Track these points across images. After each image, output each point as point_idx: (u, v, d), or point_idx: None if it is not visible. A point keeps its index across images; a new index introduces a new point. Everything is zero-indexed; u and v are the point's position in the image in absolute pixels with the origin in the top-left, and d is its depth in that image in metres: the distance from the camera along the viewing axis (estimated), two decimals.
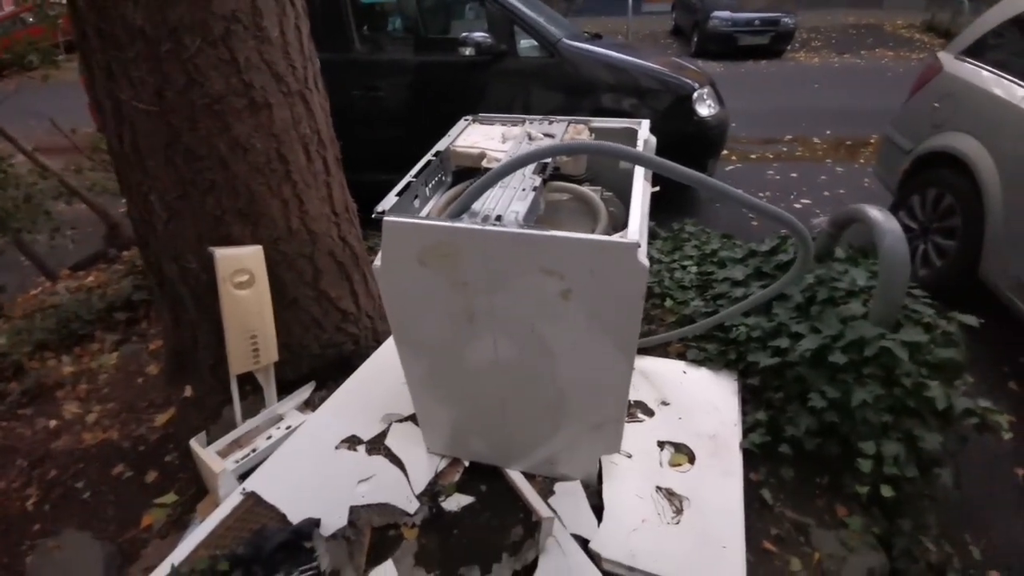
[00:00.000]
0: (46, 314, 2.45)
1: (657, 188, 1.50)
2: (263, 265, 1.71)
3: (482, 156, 1.51)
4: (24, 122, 3.37)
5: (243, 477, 1.59)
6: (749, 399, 1.87)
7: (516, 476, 1.65)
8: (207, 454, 1.58)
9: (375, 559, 1.45)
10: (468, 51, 3.34)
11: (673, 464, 1.67)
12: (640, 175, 1.34)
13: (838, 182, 4.36)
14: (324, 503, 1.52)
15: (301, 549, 1.40)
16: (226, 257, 1.64)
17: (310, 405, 1.87)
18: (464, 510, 1.60)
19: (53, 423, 1.96)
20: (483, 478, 1.68)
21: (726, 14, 9.11)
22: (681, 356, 2.07)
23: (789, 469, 1.67)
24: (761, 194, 4.20)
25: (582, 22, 9.85)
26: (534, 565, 1.44)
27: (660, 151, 1.53)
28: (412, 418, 1.80)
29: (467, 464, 1.70)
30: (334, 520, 1.49)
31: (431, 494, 1.63)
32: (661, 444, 1.72)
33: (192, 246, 1.70)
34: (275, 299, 1.75)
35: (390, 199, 1.26)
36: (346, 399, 1.83)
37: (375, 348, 2.07)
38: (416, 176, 1.38)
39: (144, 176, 1.62)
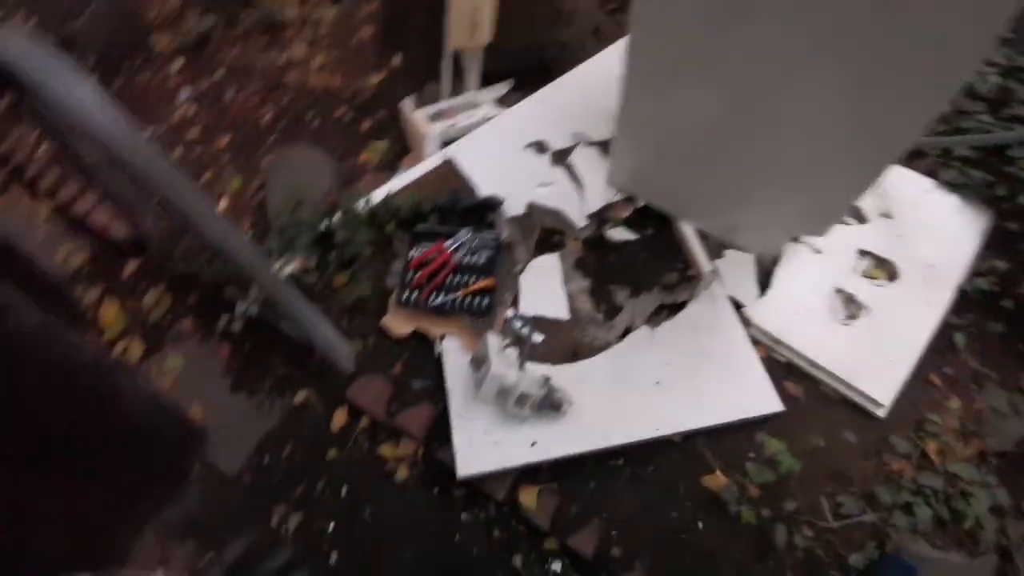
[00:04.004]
0: None
1: None
2: None
3: None
4: None
5: (442, 145, 1.71)
6: (995, 244, 1.54)
7: (687, 230, 1.61)
8: (417, 116, 1.69)
9: (542, 250, 1.59)
10: None
11: (868, 276, 1.51)
12: None
13: None
14: (507, 190, 1.62)
15: (484, 218, 1.56)
16: None
17: (504, 103, 1.86)
18: (625, 244, 1.65)
19: (284, 57, 2.17)
20: (651, 223, 1.66)
21: None
22: (932, 174, 1.69)
23: (999, 325, 1.45)
24: None
25: None
26: (681, 306, 1.50)
27: None
28: (600, 145, 1.75)
29: (640, 205, 1.67)
30: (513, 207, 1.61)
31: (599, 220, 1.67)
32: (863, 253, 1.54)
33: None
34: None
35: None
36: (543, 104, 1.79)
37: (573, 62, 1.91)
38: None
39: None
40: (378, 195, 1.56)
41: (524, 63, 1.89)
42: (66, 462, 1.05)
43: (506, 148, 1.71)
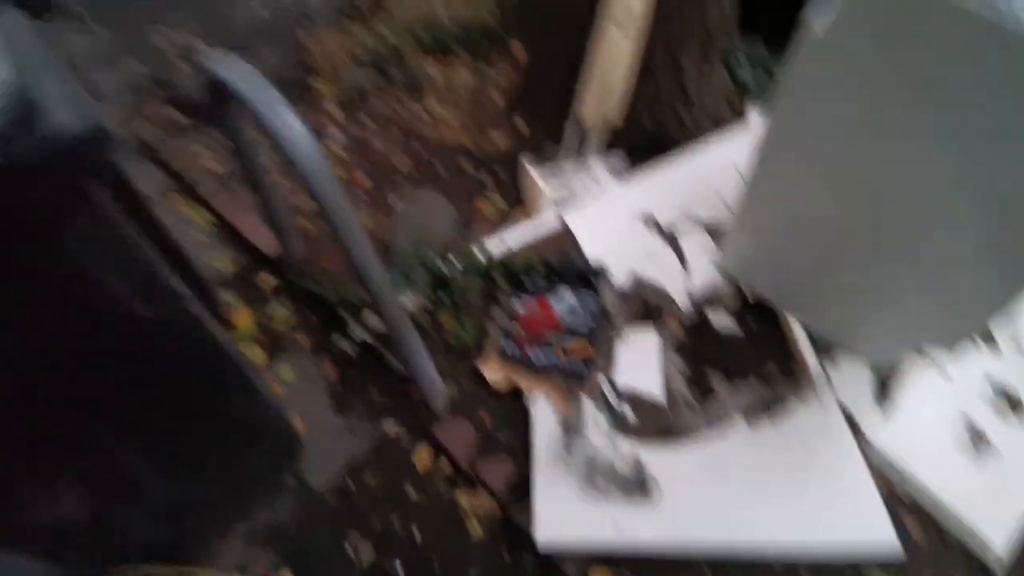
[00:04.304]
0: (427, 22, 2.84)
1: None
2: (647, 15, 1.63)
3: None
4: None
5: (556, 206, 1.79)
6: None
7: (796, 327, 1.56)
8: (538, 175, 1.80)
9: (641, 324, 1.59)
10: None
11: (996, 409, 1.38)
12: None
13: None
14: (614, 258, 1.65)
15: (590, 282, 1.60)
16: None
17: (619, 173, 1.93)
18: (727, 334, 1.61)
19: (422, 111, 2.40)
20: (756, 318, 1.62)
21: None
22: None
23: None
24: None
25: None
26: (779, 401, 1.42)
27: None
28: (712, 228, 1.76)
29: (747, 299, 1.64)
30: (617, 277, 1.63)
31: (702, 302, 1.65)
32: (992, 384, 1.41)
33: None
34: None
35: None
36: (659, 180, 1.84)
37: (688, 143, 1.96)
38: None
39: None
40: (494, 245, 1.65)
41: (644, 138, 1.97)
42: (186, 447, 1.14)
43: (618, 218, 1.76)
